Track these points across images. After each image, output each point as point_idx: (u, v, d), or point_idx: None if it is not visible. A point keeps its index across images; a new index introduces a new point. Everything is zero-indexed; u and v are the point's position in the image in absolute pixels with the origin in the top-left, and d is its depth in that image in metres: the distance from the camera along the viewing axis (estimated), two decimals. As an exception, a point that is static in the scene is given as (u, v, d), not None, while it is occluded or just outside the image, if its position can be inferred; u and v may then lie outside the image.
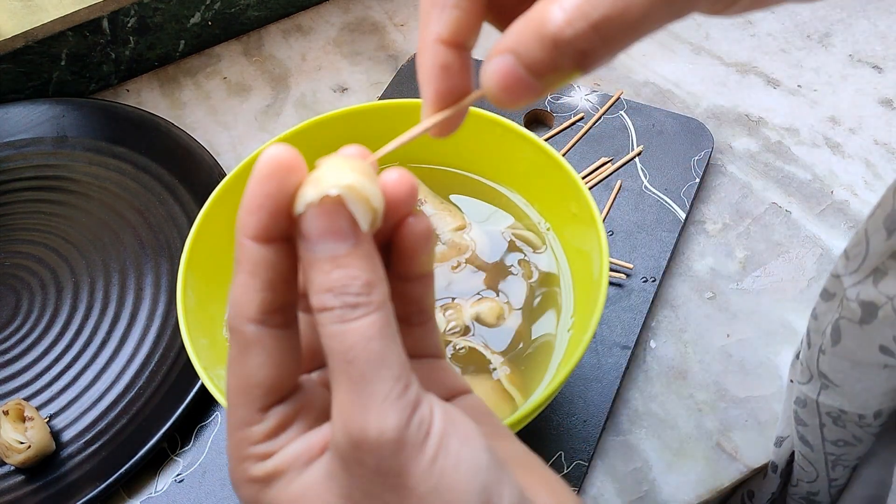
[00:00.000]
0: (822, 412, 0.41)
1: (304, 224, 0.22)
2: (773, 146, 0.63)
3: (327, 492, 0.23)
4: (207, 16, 0.72)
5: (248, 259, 0.23)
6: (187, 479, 0.48)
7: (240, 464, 0.24)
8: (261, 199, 0.22)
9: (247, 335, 0.23)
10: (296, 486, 0.23)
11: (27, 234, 0.59)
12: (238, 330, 0.23)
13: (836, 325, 0.37)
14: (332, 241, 0.22)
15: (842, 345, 0.37)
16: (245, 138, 0.67)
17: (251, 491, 0.24)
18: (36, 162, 0.63)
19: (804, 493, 0.48)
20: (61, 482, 0.47)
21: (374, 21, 0.75)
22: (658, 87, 0.68)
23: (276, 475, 0.23)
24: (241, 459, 0.24)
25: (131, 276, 0.56)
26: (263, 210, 0.22)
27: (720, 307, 0.54)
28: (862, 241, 0.34)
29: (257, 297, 0.23)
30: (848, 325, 0.36)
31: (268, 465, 0.24)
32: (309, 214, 0.22)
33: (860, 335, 0.36)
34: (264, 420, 0.24)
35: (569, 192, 0.45)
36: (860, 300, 0.35)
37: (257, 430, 0.24)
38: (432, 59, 0.23)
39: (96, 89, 0.71)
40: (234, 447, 0.24)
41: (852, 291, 0.35)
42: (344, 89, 0.70)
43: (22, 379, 0.52)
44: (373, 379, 0.21)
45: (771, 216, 0.59)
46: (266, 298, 0.23)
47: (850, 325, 0.36)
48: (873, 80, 0.68)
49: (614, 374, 0.50)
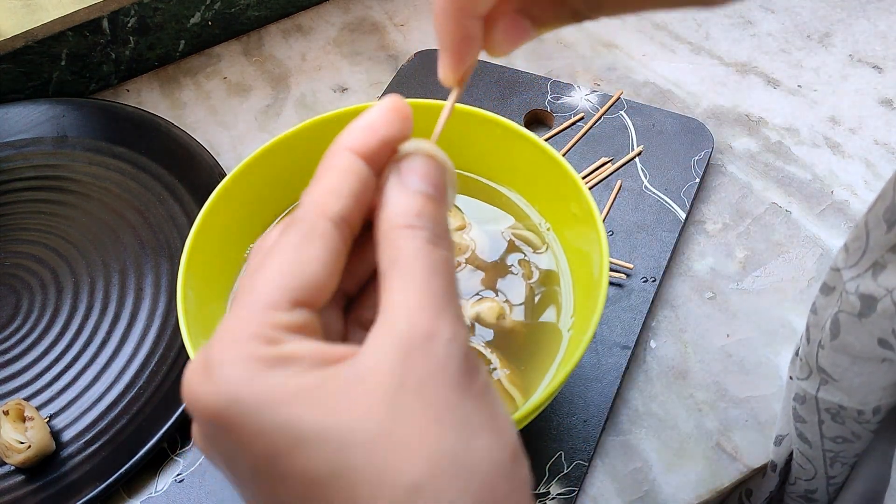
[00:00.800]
0: (821, 408, 0.41)
1: (412, 160, 0.24)
2: (773, 146, 0.63)
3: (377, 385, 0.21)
4: (207, 16, 0.72)
5: (343, 166, 0.24)
6: (187, 479, 0.48)
7: (245, 342, 0.22)
8: (381, 124, 0.24)
9: (317, 227, 0.24)
10: (311, 379, 0.22)
11: (27, 234, 0.59)
12: (310, 221, 0.24)
13: (836, 318, 0.37)
14: (427, 182, 0.24)
15: (841, 339, 0.37)
16: (245, 138, 0.67)
17: (241, 371, 0.22)
18: (36, 162, 0.63)
19: (802, 492, 0.48)
20: (61, 482, 0.47)
21: (374, 21, 0.75)
22: (658, 87, 0.68)
23: (286, 360, 0.22)
24: (250, 337, 0.22)
25: (131, 276, 0.56)
26: (377, 134, 0.24)
27: (720, 307, 0.54)
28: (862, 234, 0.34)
29: (341, 200, 0.24)
30: (847, 319, 0.36)
31: (283, 348, 0.22)
32: (419, 156, 0.25)
33: (859, 329, 0.36)
34: (291, 313, 0.23)
35: (569, 192, 0.45)
36: (859, 293, 0.35)
37: (281, 316, 0.23)
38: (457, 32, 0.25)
39: (96, 89, 0.71)
40: (244, 321, 0.22)
41: (851, 285, 0.35)
42: (344, 89, 0.70)
43: (22, 379, 0.52)
44: (452, 297, 0.23)
45: (771, 216, 0.59)
46: (347, 205, 0.24)
47: (849, 319, 0.36)
48: (873, 80, 0.68)
49: (614, 374, 0.50)
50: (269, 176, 0.48)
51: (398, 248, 0.23)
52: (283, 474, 0.21)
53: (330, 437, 0.21)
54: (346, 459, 0.21)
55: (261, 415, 0.21)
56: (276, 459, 0.21)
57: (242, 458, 0.22)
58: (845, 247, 0.36)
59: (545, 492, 0.46)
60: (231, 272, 0.48)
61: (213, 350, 0.23)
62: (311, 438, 0.21)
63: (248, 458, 0.22)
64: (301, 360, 0.22)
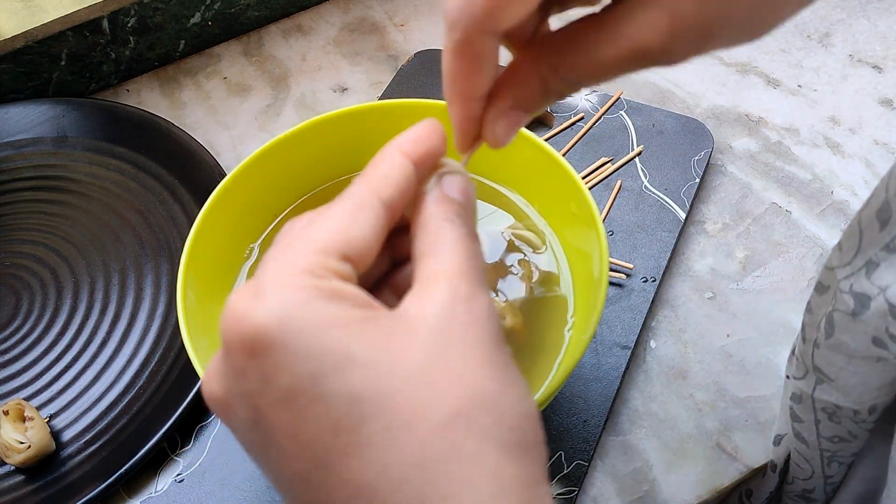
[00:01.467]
0: (818, 408, 0.41)
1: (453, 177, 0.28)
2: (773, 146, 0.63)
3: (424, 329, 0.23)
4: (207, 16, 0.72)
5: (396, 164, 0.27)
6: (187, 479, 0.48)
7: (299, 273, 0.23)
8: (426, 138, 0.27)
9: (369, 201, 0.26)
10: (362, 315, 0.23)
11: (27, 234, 0.59)
12: (363, 195, 0.26)
13: (830, 317, 0.37)
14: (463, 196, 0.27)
15: (835, 338, 0.37)
16: (245, 138, 0.67)
17: (295, 295, 0.23)
18: (36, 162, 0.63)
19: (799, 491, 0.48)
20: (61, 482, 0.47)
21: (374, 21, 0.75)
22: (658, 87, 0.68)
23: (338, 295, 0.23)
24: (303, 270, 0.23)
25: (131, 276, 0.56)
26: (423, 145, 0.27)
27: (720, 307, 0.54)
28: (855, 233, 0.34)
29: (391, 188, 0.26)
30: (841, 318, 0.36)
31: (334, 284, 0.24)
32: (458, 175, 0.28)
33: (853, 327, 0.36)
34: (340, 262, 0.24)
35: (569, 192, 0.45)
36: (853, 292, 0.35)
37: (332, 262, 0.24)
38: (463, 112, 0.28)
39: (96, 89, 0.71)
40: (297, 257, 0.24)
41: (845, 283, 0.35)
42: (344, 89, 0.70)
43: (22, 379, 0.52)
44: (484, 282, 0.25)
45: (771, 216, 0.59)
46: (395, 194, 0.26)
47: (843, 317, 0.36)
48: (873, 80, 0.68)
49: (614, 374, 0.50)
50: (269, 176, 0.48)
51: (440, 235, 0.26)
52: (324, 394, 0.22)
53: (380, 363, 0.22)
54: (391, 385, 0.22)
55: (313, 336, 0.22)
56: (321, 378, 0.22)
57: (277, 382, 0.22)
58: (839, 245, 0.36)
59: (545, 492, 0.46)
60: (231, 272, 0.48)
61: (265, 277, 0.24)
62: (361, 361, 0.22)
63: (286, 379, 0.22)
64: (352, 299, 0.24)
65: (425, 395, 0.22)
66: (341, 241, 0.25)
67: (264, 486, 0.47)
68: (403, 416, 0.22)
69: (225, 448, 0.49)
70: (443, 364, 0.23)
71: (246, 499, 0.47)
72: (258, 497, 0.47)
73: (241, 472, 0.48)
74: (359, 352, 0.22)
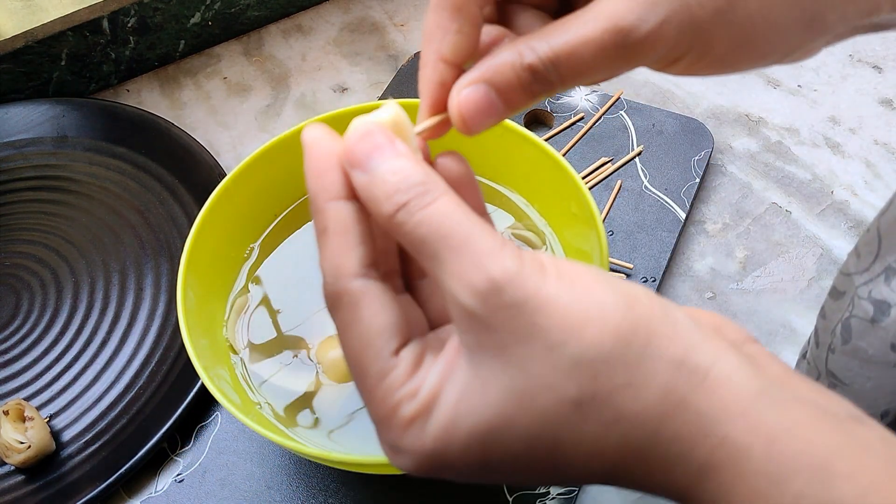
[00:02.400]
0: None
1: (353, 151, 0.24)
2: (773, 146, 0.63)
3: (475, 376, 0.23)
4: (207, 16, 0.72)
5: (336, 220, 0.24)
6: (187, 479, 0.48)
7: (393, 416, 0.23)
8: (327, 159, 0.24)
9: (354, 290, 0.24)
10: (451, 395, 0.23)
11: (27, 234, 0.59)
12: (344, 290, 0.24)
13: (847, 323, 0.37)
14: (379, 155, 0.24)
15: (852, 343, 0.37)
16: (245, 138, 0.67)
17: (414, 438, 0.23)
18: (36, 162, 0.63)
19: None
20: (61, 482, 0.47)
21: (374, 21, 0.75)
22: (658, 87, 0.68)
23: (433, 401, 0.23)
24: (392, 411, 0.23)
25: (131, 276, 0.56)
26: (334, 169, 0.24)
27: (720, 307, 0.54)
28: (874, 239, 0.34)
29: (355, 252, 0.24)
30: (859, 324, 0.36)
31: (421, 396, 0.23)
32: (353, 142, 0.24)
33: (872, 333, 0.36)
34: (399, 362, 0.24)
35: (569, 192, 0.45)
36: (872, 298, 0.35)
37: (397, 372, 0.24)
38: (432, 74, 0.26)
39: (96, 89, 0.71)
40: (380, 404, 0.24)
41: (864, 290, 0.35)
42: (344, 89, 0.70)
43: (22, 379, 0.52)
44: (475, 238, 0.22)
45: (771, 216, 0.59)
46: (364, 252, 0.24)
47: (861, 324, 0.36)
48: (873, 80, 0.68)
49: (614, 374, 0.50)
50: (269, 176, 0.48)
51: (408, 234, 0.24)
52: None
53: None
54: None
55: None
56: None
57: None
58: (856, 251, 0.36)
59: (545, 492, 0.46)
60: (231, 272, 0.48)
61: (383, 437, 0.24)
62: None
63: None
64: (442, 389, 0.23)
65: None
66: (379, 350, 0.24)
67: (264, 486, 0.47)
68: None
69: (225, 448, 0.49)
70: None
71: (246, 499, 0.47)
72: (258, 497, 0.47)
73: (241, 472, 0.48)
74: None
